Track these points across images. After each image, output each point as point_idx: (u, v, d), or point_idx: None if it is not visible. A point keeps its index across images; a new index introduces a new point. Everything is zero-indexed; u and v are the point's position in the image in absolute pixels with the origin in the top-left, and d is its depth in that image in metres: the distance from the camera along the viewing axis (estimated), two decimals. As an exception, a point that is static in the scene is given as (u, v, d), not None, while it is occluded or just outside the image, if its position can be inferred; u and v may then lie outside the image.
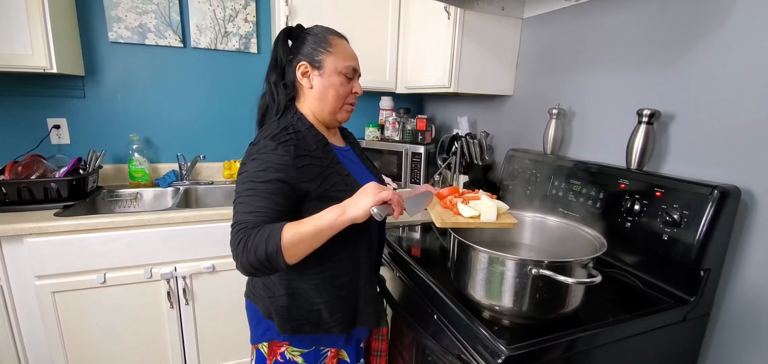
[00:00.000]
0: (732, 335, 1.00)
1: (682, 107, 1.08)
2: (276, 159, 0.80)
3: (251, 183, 0.79)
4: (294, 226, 0.75)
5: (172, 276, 1.52)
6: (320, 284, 0.89)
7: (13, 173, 1.51)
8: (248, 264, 0.74)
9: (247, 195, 0.79)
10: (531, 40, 1.60)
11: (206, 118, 2.06)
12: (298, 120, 0.89)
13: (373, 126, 2.15)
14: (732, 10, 0.96)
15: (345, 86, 0.92)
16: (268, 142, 0.82)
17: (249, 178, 0.80)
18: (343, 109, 0.94)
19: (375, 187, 0.77)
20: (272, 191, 0.78)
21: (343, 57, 0.91)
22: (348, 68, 0.91)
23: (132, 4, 1.81)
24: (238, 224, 0.77)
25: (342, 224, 0.76)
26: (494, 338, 0.77)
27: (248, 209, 0.77)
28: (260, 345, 0.97)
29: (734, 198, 0.92)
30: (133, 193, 1.86)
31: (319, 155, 0.87)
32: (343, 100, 0.93)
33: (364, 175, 0.98)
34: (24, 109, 1.75)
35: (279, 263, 0.73)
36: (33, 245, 1.34)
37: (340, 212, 0.76)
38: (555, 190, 1.32)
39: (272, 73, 0.93)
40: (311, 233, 0.75)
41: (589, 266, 0.81)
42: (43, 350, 1.47)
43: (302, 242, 0.75)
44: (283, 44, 0.92)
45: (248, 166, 0.81)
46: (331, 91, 0.90)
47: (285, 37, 0.93)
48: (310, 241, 0.75)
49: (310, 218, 0.76)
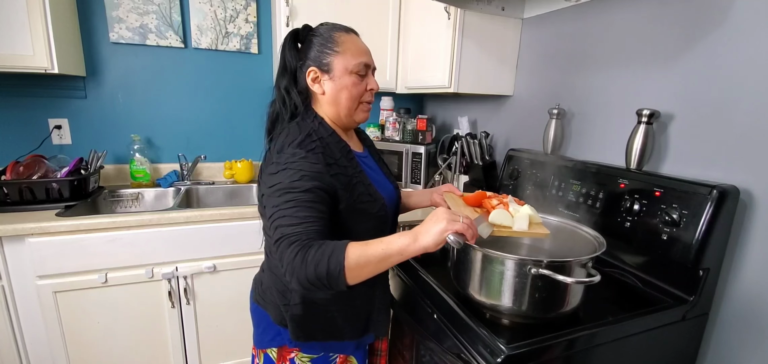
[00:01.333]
0: (731, 334, 1.00)
1: (682, 107, 1.08)
2: (309, 167, 0.77)
3: (290, 194, 0.74)
4: (360, 246, 0.69)
5: (173, 276, 1.53)
6: (337, 295, 0.88)
7: (14, 173, 1.52)
8: (306, 280, 0.68)
9: (288, 207, 0.74)
10: (531, 40, 1.60)
11: (207, 118, 2.07)
12: (320, 125, 0.86)
13: (373, 126, 2.15)
14: (731, 9, 0.96)
15: (358, 85, 0.87)
16: (296, 150, 0.79)
17: (285, 188, 0.75)
18: (360, 109, 0.90)
19: (447, 215, 0.70)
20: (313, 199, 0.75)
21: (352, 54, 0.86)
22: (359, 65, 0.86)
23: (133, 5, 1.81)
24: (288, 238, 0.71)
25: (412, 252, 0.70)
26: (494, 338, 0.77)
27: (294, 220, 0.72)
28: (269, 350, 0.96)
29: (733, 198, 0.93)
30: (135, 193, 1.86)
31: (344, 164, 0.84)
32: (357, 100, 0.88)
33: (384, 185, 0.96)
34: (25, 110, 1.76)
35: (340, 282, 0.68)
36: (34, 245, 1.35)
37: (411, 239, 0.69)
38: (555, 190, 1.32)
39: (282, 79, 0.89)
40: (378, 257, 0.69)
41: (588, 266, 0.81)
42: (45, 349, 1.47)
43: (368, 265, 0.69)
44: (291, 48, 0.89)
45: (280, 177, 0.77)
46: (343, 94, 0.86)
47: (293, 40, 0.89)
48: (376, 265, 0.70)
49: (378, 240, 0.70)
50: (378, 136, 2.14)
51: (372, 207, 0.86)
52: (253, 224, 1.60)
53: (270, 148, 0.86)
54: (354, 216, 0.82)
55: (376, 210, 0.87)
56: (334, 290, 0.71)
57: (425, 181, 1.97)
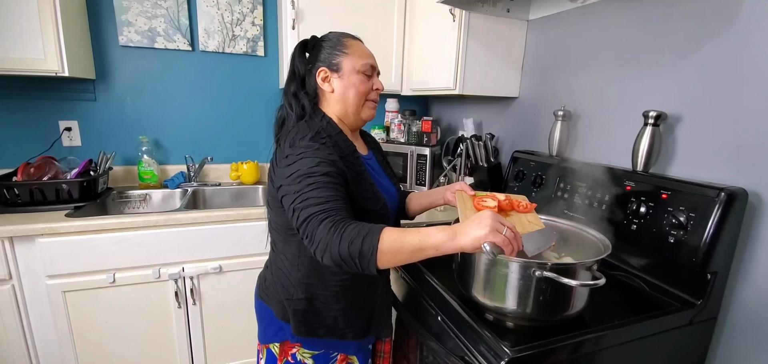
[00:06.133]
0: (739, 338, 0.99)
1: (689, 109, 1.07)
2: (325, 155, 0.81)
3: (311, 178, 0.77)
4: (396, 233, 0.69)
5: (179, 276, 1.55)
6: (340, 292, 0.91)
7: (25, 175, 1.55)
8: (338, 255, 0.69)
9: (311, 189, 0.76)
10: (536, 42, 1.60)
11: (214, 120, 2.09)
12: (328, 124, 0.91)
13: (378, 128, 2.16)
14: (739, 10, 0.95)
15: (365, 84, 0.93)
16: (309, 143, 0.82)
17: (304, 174, 0.77)
18: (366, 107, 0.95)
19: (492, 222, 0.66)
20: (333, 182, 0.78)
21: (359, 56, 0.92)
22: (366, 66, 0.92)
23: (142, 9, 1.84)
24: (317, 216, 0.72)
25: (448, 249, 0.68)
26: (498, 340, 0.77)
27: (319, 199, 0.74)
28: (271, 345, 0.98)
29: (741, 200, 0.92)
30: (142, 194, 1.88)
31: (351, 161, 0.89)
32: (364, 97, 0.94)
33: (387, 187, 1.00)
34: (36, 112, 1.79)
35: (370, 264, 0.68)
36: (44, 245, 1.37)
37: (449, 235, 0.68)
38: (560, 192, 1.31)
39: (291, 85, 0.95)
40: (413, 247, 0.68)
41: (593, 269, 0.81)
42: (54, 348, 1.50)
43: (401, 253, 0.69)
44: (300, 56, 0.95)
45: (298, 165, 0.79)
46: (351, 91, 0.92)
47: (302, 49, 0.95)
48: (409, 254, 0.69)
49: (415, 230, 0.70)
50: (383, 137, 2.15)
51: (374, 205, 0.89)
52: (259, 224, 1.61)
53: (280, 145, 0.89)
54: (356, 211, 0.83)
55: (378, 208, 0.90)
56: (362, 272, 0.71)
57: (430, 182, 1.97)
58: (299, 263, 0.90)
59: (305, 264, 0.90)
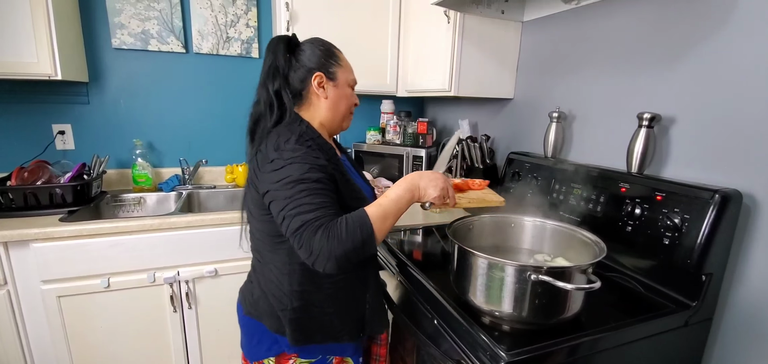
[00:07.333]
0: (734, 340, 0.99)
1: (683, 110, 1.07)
2: (313, 160, 0.81)
3: (302, 184, 0.77)
4: (374, 206, 0.80)
5: (175, 280, 1.54)
6: (333, 294, 0.91)
7: (19, 179, 1.53)
8: (344, 255, 0.73)
9: (302, 196, 0.76)
10: (531, 43, 1.60)
11: (208, 122, 2.08)
12: (307, 128, 0.89)
13: (374, 129, 2.15)
14: (733, 11, 0.96)
15: (352, 97, 1.00)
16: (295, 146, 0.81)
17: (296, 180, 0.77)
18: (349, 118, 1.01)
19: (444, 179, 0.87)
20: (325, 187, 0.80)
21: (349, 70, 0.98)
22: (353, 81, 0.99)
23: (135, 11, 1.83)
24: (311, 224, 0.74)
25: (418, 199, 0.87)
26: (494, 344, 0.77)
27: (312, 206, 0.75)
28: (266, 360, 0.96)
29: (736, 202, 0.92)
30: (137, 197, 1.87)
31: (335, 162, 0.89)
32: (350, 109, 1.00)
33: (364, 186, 1.03)
34: (30, 116, 1.78)
35: (373, 245, 0.77)
36: (39, 250, 1.36)
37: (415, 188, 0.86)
38: (555, 193, 1.31)
39: (273, 81, 0.91)
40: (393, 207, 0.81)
41: (588, 272, 0.81)
42: (49, 353, 1.48)
43: (387, 218, 0.80)
44: (284, 53, 0.92)
45: (288, 171, 0.79)
46: (343, 102, 0.97)
47: (286, 46, 0.93)
48: (394, 216, 0.82)
49: (382, 196, 0.83)
50: (379, 139, 2.14)
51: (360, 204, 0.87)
52: (255, 228, 1.60)
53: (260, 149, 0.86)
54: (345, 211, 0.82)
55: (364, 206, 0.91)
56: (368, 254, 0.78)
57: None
58: (291, 271, 0.88)
59: (297, 271, 0.88)
